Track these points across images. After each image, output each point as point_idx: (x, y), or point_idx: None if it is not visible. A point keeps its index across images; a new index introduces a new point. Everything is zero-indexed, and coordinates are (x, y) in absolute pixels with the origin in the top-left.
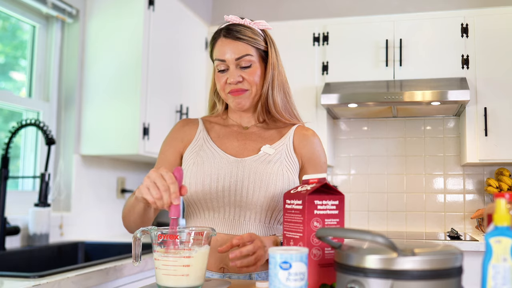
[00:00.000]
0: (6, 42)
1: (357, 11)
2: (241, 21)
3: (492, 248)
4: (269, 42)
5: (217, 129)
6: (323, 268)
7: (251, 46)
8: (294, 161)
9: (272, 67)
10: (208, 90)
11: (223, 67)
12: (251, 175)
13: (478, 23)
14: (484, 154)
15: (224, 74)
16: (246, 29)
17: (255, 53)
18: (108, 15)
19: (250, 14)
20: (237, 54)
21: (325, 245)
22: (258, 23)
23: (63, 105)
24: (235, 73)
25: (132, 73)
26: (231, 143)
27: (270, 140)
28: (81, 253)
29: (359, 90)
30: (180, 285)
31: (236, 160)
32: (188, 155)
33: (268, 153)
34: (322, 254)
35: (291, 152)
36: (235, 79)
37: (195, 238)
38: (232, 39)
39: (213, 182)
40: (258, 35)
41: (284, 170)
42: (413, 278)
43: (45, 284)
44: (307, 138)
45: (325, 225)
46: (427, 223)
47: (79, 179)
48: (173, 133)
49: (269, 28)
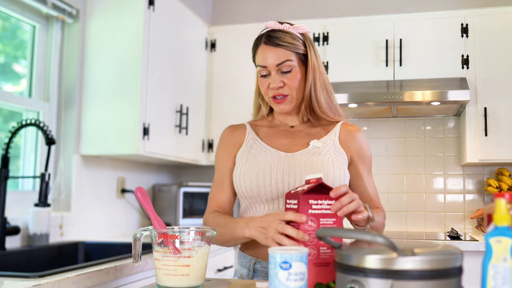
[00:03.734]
0: (6, 42)
1: (357, 11)
2: (280, 26)
3: (492, 248)
4: (308, 45)
5: (265, 130)
6: (318, 267)
7: (290, 51)
8: (342, 154)
9: (312, 69)
10: (208, 90)
11: (265, 72)
12: (302, 167)
13: (478, 23)
14: (484, 154)
15: (267, 79)
16: (286, 34)
17: (295, 58)
18: (108, 15)
19: (250, 14)
20: (278, 60)
21: (320, 244)
22: (297, 28)
23: (63, 105)
24: (276, 78)
25: (132, 73)
26: (280, 140)
27: (317, 136)
28: (81, 253)
29: (359, 90)
30: (180, 285)
31: (286, 155)
32: (240, 155)
33: (317, 147)
34: (317, 253)
35: (338, 146)
36: (277, 84)
37: (195, 238)
38: (272, 46)
39: (266, 176)
40: (297, 39)
41: (334, 161)
42: (413, 278)
43: (45, 284)
44: (353, 133)
45: (320, 224)
46: (427, 223)
47: (79, 179)
48: (224, 140)
49: (308, 31)
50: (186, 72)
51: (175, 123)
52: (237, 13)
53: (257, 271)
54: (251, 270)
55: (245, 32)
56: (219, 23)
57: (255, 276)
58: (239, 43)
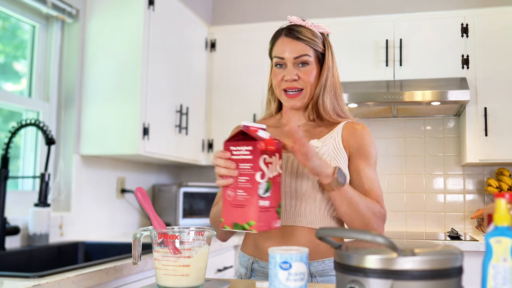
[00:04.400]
0: (6, 42)
1: (357, 11)
2: (303, 22)
3: (492, 248)
4: (327, 45)
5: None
6: (235, 208)
7: (309, 47)
8: (342, 153)
9: (327, 69)
10: (208, 90)
11: (281, 63)
12: (299, 167)
13: (478, 23)
14: (484, 154)
15: (282, 71)
16: (307, 30)
17: (313, 54)
18: (108, 15)
19: (250, 14)
20: (296, 53)
21: (238, 187)
22: (318, 26)
23: (63, 105)
24: (292, 71)
25: (132, 73)
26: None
27: (319, 135)
28: (81, 253)
29: (359, 90)
30: (180, 285)
31: (285, 155)
32: None
33: (315, 146)
34: (234, 195)
35: (339, 145)
36: (292, 77)
37: (195, 238)
38: (292, 39)
39: None
40: (318, 37)
41: (331, 162)
42: (413, 278)
43: (45, 284)
44: (356, 130)
45: (239, 168)
46: (427, 223)
47: (79, 179)
48: None
49: (329, 32)
50: (186, 72)
51: (175, 123)
52: (237, 13)
53: (255, 271)
54: (249, 270)
55: (245, 32)
56: (219, 23)
57: (253, 275)
58: (239, 43)
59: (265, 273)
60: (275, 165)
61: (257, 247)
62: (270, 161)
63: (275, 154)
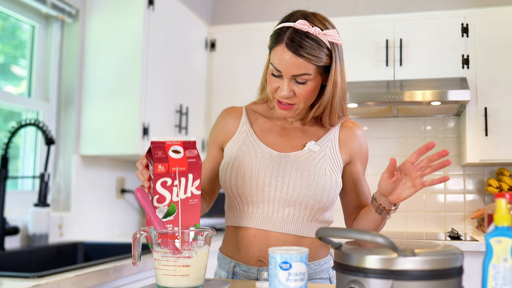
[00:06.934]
0: (6, 42)
1: (357, 11)
2: (310, 29)
3: (493, 248)
4: (335, 57)
5: (261, 122)
6: None
7: (311, 64)
8: (338, 159)
9: (333, 85)
10: (208, 90)
11: (277, 74)
12: (293, 171)
13: (478, 23)
14: (484, 154)
15: (277, 81)
16: (312, 43)
17: (314, 71)
18: (108, 15)
19: (250, 14)
20: (295, 72)
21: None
22: (328, 35)
23: (63, 105)
24: (288, 86)
25: (132, 73)
26: (275, 138)
27: (315, 135)
28: (80, 253)
29: (359, 90)
30: (180, 285)
31: (279, 155)
32: (230, 148)
33: (313, 150)
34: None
35: (336, 149)
36: (286, 94)
37: (195, 238)
38: (293, 53)
39: (254, 177)
40: (323, 49)
41: (327, 169)
42: (413, 278)
43: (44, 284)
44: (354, 132)
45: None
46: (427, 223)
47: (79, 179)
48: (216, 126)
49: (339, 42)
50: (186, 72)
51: (175, 123)
52: (237, 13)
53: (236, 274)
54: (230, 273)
55: (245, 32)
56: (219, 23)
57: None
58: (239, 43)
59: (247, 277)
60: (187, 186)
61: (238, 251)
62: (176, 184)
63: (187, 174)
